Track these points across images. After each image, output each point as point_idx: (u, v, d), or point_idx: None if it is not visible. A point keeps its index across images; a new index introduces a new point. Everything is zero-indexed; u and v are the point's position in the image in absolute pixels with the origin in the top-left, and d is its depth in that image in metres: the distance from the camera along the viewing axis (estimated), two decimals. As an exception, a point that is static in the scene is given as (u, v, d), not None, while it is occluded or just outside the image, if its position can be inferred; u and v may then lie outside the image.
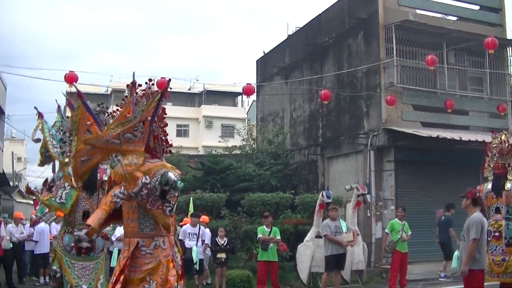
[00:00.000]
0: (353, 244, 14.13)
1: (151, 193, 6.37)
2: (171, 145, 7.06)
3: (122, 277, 6.37)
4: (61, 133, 8.90)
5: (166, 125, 6.93)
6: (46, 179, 9.31)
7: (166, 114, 6.95)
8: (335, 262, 13.69)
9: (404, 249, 15.17)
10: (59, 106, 8.95)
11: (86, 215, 8.21)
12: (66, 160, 8.71)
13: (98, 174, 8.48)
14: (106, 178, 7.91)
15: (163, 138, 6.85)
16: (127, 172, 6.35)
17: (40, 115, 9.31)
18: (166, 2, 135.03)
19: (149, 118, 6.47)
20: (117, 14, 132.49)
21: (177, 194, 6.60)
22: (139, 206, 6.49)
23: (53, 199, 8.48)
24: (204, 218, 16.57)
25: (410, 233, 15.36)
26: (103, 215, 6.36)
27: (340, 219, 14.37)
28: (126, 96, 6.83)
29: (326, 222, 13.84)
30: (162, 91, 6.48)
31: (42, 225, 16.64)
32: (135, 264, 6.49)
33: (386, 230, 15.82)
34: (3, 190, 38.74)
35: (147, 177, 6.40)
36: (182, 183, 6.56)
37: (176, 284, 6.56)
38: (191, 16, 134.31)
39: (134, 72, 6.73)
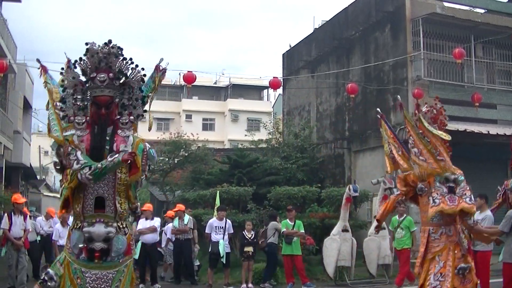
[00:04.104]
0: None
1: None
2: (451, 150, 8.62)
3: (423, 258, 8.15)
4: (62, 90, 6.35)
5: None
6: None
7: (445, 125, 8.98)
8: None
9: (399, 245, 14.50)
10: (69, 61, 6.47)
11: (100, 202, 6.05)
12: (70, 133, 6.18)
13: (115, 144, 6.11)
14: (127, 149, 6.06)
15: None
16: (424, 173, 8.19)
17: (43, 69, 6.92)
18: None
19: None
20: (143, 9, 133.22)
21: (467, 186, 8.21)
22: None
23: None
24: (179, 206, 16.79)
25: (416, 228, 14.51)
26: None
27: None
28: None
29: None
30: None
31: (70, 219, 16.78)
32: (428, 248, 8.12)
33: (389, 227, 15.28)
34: (30, 184, 39.22)
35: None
36: (463, 177, 8.17)
37: (464, 265, 7.84)
38: (216, 10, 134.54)
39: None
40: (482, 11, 22.23)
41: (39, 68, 6.79)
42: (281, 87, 26.77)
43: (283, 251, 14.87)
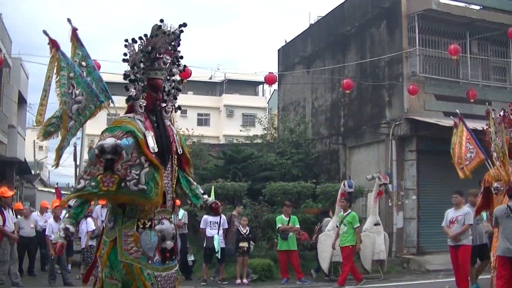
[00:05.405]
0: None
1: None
2: None
3: None
4: (131, 67, 5.42)
5: None
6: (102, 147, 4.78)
7: None
8: (477, 252, 12.58)
9: (342, 242, 14.10)
10: (74, 30, 5.97)
11: (165, 197, 5.31)
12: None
13: (170, 134, 5.48)
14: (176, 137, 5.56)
15: None
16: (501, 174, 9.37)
17: (54, 44, 5.64)
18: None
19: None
20: (139, 5, 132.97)
21: None
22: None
23: (122, 184, 4.82)
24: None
25: (358, 225, 14.24)
26: None
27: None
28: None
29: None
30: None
31: (63, 214, 16.71)
32: None
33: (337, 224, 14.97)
34: (25, 179, 39.14)
35: None
36: None
37: None
38: (212, 5, 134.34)
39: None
40: (478, 7, 22.21)
41: (48, 43, 5.67)
42: (277, 83, 26.72)
43: (279, 246, 14.92)
